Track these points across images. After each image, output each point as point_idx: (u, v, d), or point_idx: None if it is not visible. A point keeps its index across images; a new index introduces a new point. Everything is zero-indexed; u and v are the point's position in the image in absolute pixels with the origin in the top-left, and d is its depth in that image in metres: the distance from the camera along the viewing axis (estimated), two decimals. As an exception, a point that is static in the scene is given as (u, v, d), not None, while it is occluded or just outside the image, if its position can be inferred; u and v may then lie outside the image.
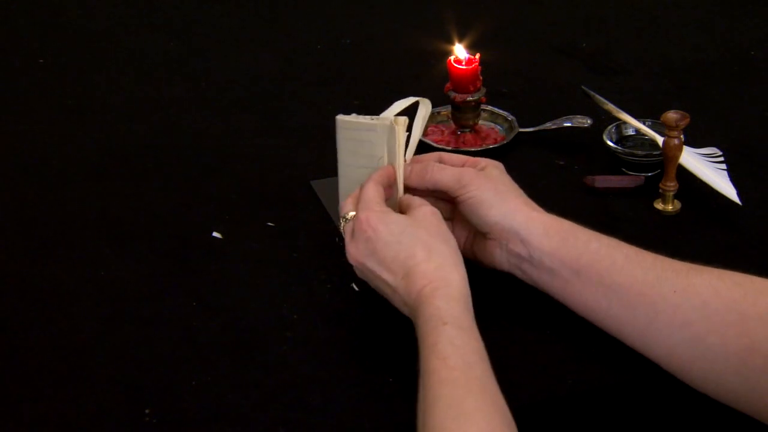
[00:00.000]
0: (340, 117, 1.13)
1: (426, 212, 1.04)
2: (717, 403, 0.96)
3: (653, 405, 1.02)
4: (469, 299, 0.98)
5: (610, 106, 1.35)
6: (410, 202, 1.07)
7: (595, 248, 1.02)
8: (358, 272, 1.06)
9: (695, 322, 0.94)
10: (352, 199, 1.08)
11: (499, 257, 1.07)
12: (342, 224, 1.07)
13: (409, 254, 1.00)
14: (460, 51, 1.34)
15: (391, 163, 1.10)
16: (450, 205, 1.12)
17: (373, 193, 1.06)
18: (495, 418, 0.87)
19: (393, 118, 1.10)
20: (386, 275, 1.01)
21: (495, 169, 1.10)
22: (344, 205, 1.09)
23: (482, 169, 1.10)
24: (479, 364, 0.91)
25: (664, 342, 0.96)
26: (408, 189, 1.11)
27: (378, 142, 1.11)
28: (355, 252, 1.04)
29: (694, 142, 1.33)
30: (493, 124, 1.42)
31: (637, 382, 1.00)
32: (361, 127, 1.12)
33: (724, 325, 0.93)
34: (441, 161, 1.12)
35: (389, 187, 1.10)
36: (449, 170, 1.09)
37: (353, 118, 1.13)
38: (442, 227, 1.04)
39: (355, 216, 1.05)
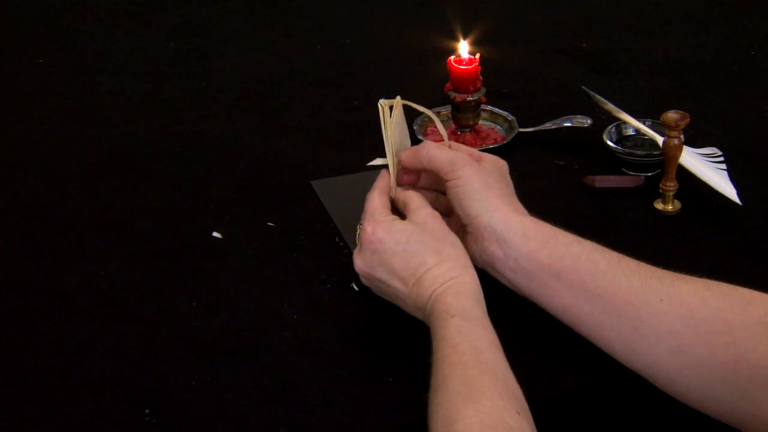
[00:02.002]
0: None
1: (427, 215, 1.04)
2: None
3: (653, 405, 1.02)
4: (480, 296, 0.99)
5: (610, 106, 1.35)
6: (408, 202, 1.07)
7: (577, 252, 1.00)
8: (364, 281, 1.07)
9: (682, 331, 0.93)
10: None
11: (473, 253, 1.05)
12: (358, 232, 1.07)
13: (420, 261, 1.01)
14: (463, 48, 1.34)
15: (389, 148, 1.10)
16: (447, 200, 1.12)
17: (377, 203, 1.06)
18: (507, 397, 0.87)
19: (381, 100, 1.10)
20: (397, 284, 1.02)
21: (492, 164, 1.08)
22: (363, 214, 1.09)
23: (479, 160, 1.08)
24: (489, 350, 0.92)
25: (650, 350, 0.95)
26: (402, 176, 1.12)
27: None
28: (361, 263, 1.04)
29: (694, 142, 1.33)
30: (493, 124, 1.42)
31: (637, 383, 1.00)
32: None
33: (711, 334, 0.92)
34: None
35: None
36: (445, 151, 1.08)
37: None
38: (446, 229, 1.04)
39: (361, 227, 1.05)
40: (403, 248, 1.02)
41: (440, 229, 1.03)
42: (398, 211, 1.08)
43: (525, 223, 1.03)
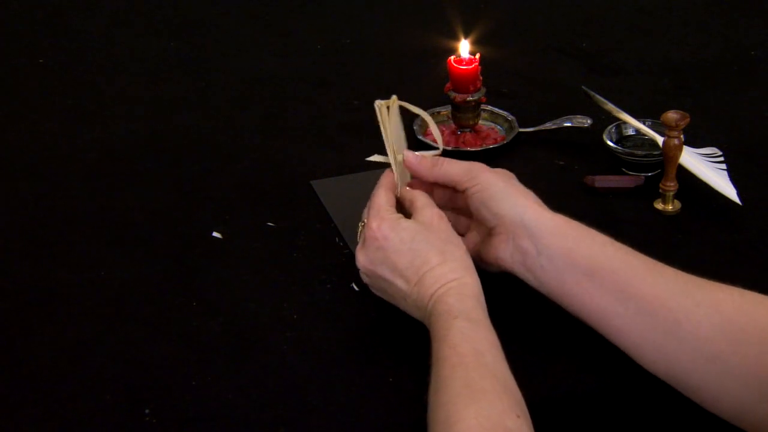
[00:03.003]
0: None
1: (433, 215, 1.04)
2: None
3: (653, 405, 1.02)
4: (482, 298, 0.99)
5: (610, 106, 1.35)
6: (414, 201, 1.07)
7: (611, 252, 0.99)
8: (364, 278, 1.06)
9: (718, 338, 0.92)
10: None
11: (504, 252, 1.04)
12: (360, 228, 1.08)
13: (424, 260, 1.01)
14: (464, 47, 1.34)
15: (392, 148, 1.10)
16: (460, 216, 1.12)
17: (383, 200, 1.06)
18: (507, 399, 0.87)
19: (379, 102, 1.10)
20: (399, 282, 1.02)
21: (504, 171, 1.09)
22: (365, 210, 1.09)
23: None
24: (490, 352, 0.92)
25: (683, 355, 0.93)
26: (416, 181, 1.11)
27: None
28: (364, 259, 1.04)
29: (694, 142, 1.33)
30: (493, 124, 1.42)
31: (637, 383, 1.00)
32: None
33: (747, 344, 0.91)
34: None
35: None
36: (459, 163, 1.08)
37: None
38: (451, 231, 1.04)
39: (365, 224, 1.05)
40: (407, 247, 1.01)
41: (445, 230, 1.03)
42: (403, 209, 1.09)
43: (557, 220, 1.03)
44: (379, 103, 1.10)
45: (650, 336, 0.95)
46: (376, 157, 1.13)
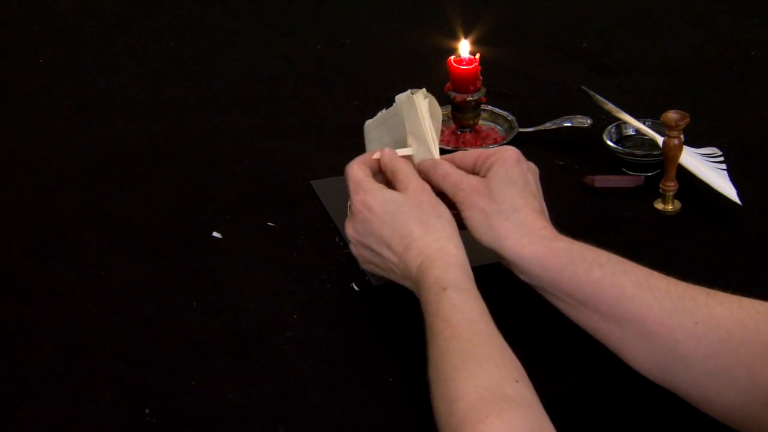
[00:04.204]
0: (366, 122, 1.15)
1: (417, 187, 1.04)
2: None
3: (653, 405, 1.02)
4: (467, 267, 0.99)
5: (610, 106, 1.35)
6: (396, 172, 1.06)
7: (598, 278, 0.97)
8: (354, 250, 1.07)
9: (720, 354, 0.91)
10: None
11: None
12: (349, 203, 1.08)
13: (407, 232, 1.01)
14: (464, 48, 1.34)
15: (415, 138, 1.10)
16: None
17: (361, 174, 1.06)
18: (504, 366, 0.88)
19: (410, 90, 1.10)
20: (386, 252, 1.03)
21: (499, 168, 1.04)
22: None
23: (489, 168, 1.05)
24: (481, 319, 0.93)
25: (686, 372, 0.93)
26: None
27: (401, 122, 1.11)
28: (353, 232, 1.05)
29: (694, 142, 1.33)
30: (493, 124, 1.42)
31: (637, 382, 1.00)
32: (385, 116, 1.13)
33: (751, 356, 0.89)
34: (452, 160, 1.09)
35: (377, 168, 1.09)
36: (450, 179, 1.06)
37: (378, 115, 1.14)
38: (434, 201, 1.03)
39: (350, 198, 1.06)
40: (390, 218, 1.02)
41: (428, 201, 1.03)
42: (385, 180, 1.08)
43: (536, 251, 1.00)
44: (408, 95, 1.10)
45: (651, 355, 0.95)
46: (403, 151, 1.11)
